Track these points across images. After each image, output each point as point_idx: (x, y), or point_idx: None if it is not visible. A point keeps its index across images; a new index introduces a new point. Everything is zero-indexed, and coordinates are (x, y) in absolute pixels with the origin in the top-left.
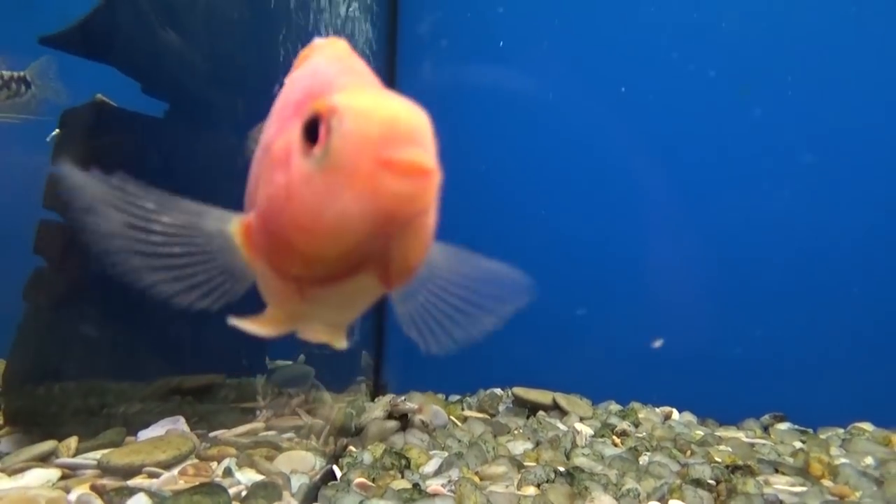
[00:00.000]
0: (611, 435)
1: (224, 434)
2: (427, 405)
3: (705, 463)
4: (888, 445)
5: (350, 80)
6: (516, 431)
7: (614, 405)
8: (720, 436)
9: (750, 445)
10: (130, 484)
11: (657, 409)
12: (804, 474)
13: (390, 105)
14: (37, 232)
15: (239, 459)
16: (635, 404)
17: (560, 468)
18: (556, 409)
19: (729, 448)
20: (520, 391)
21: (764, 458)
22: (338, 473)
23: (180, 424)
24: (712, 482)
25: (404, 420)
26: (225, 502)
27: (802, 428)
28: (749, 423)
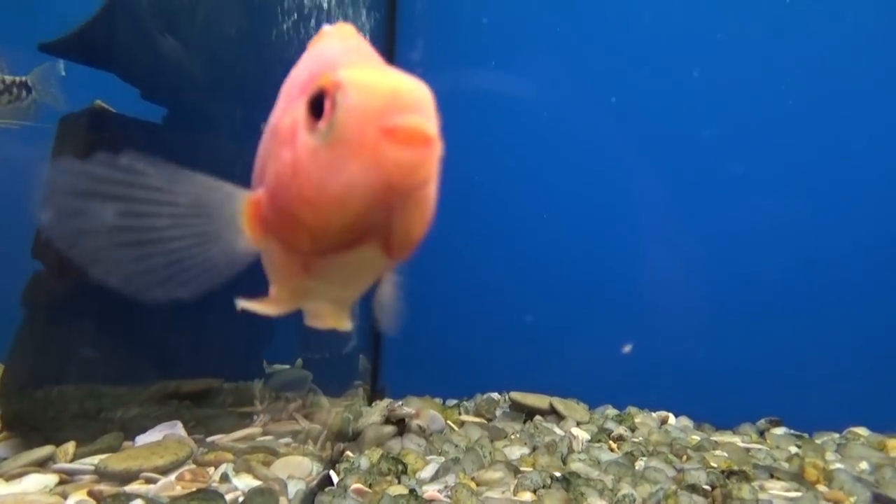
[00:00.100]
0: (607, 440)
1: (221, 439)
2: (424, 410)
3: (701, 468)
4: (883, 450)
5: (354, 59)
6: (513, 436)
7: (611, 409)
8: (716, 440)
9: (746, 450)
10: (128, 489)
11: (654, 414)
12: (799, 479)
13: (393, 78)
14: (35, 237)
15: (236, 465)
16: (632, 409)
17: (556, 474)
18: (553, 414)
19: (725, 453)
20: (517, 395)
21: (759, 464)
22: (334, 479)
23: (178, 429)
24: (707, 488)
25: (401, 425)
26: None
27: (798, 433)
28: (745, 428)
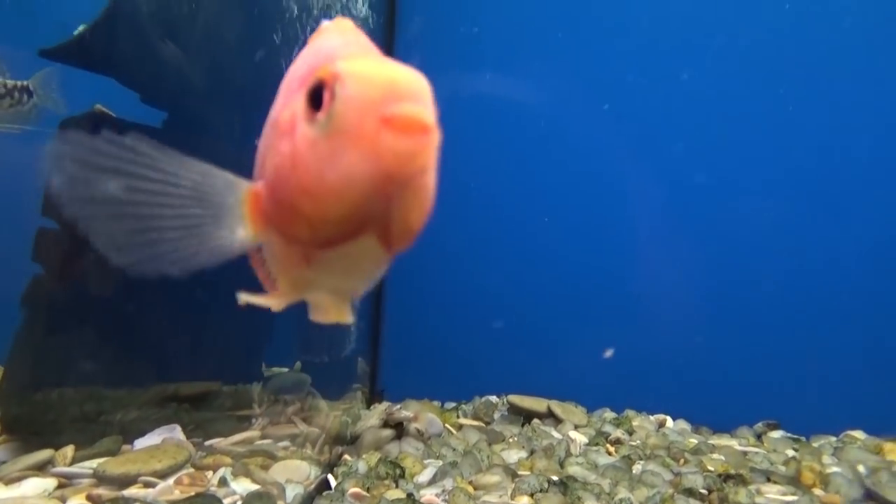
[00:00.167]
0: (605, 443)
1: (220, 443)
2: (422, 413)
3: (698, 472)
4: (880, 454)
5: (352, 51)
6: (511, 440)
7: (609, 413)
8: (714, 444)
9: (743, 454)
10: (126, 494)
11: (651, 417)
12: (796, 483)
13: (391, 68)
14: (35, 239)
15: (234, 468)
16: (630, 412)
17: (554, 477)
18: (551, 417)
19: (722, 456)
20: (515, 399)
21: (756, 467)
22: (332, 483)
23: (176, 433)
24: (704, 491)
25: (400, 428)
26: None
27: (795, 436)
28: (742, 431)
